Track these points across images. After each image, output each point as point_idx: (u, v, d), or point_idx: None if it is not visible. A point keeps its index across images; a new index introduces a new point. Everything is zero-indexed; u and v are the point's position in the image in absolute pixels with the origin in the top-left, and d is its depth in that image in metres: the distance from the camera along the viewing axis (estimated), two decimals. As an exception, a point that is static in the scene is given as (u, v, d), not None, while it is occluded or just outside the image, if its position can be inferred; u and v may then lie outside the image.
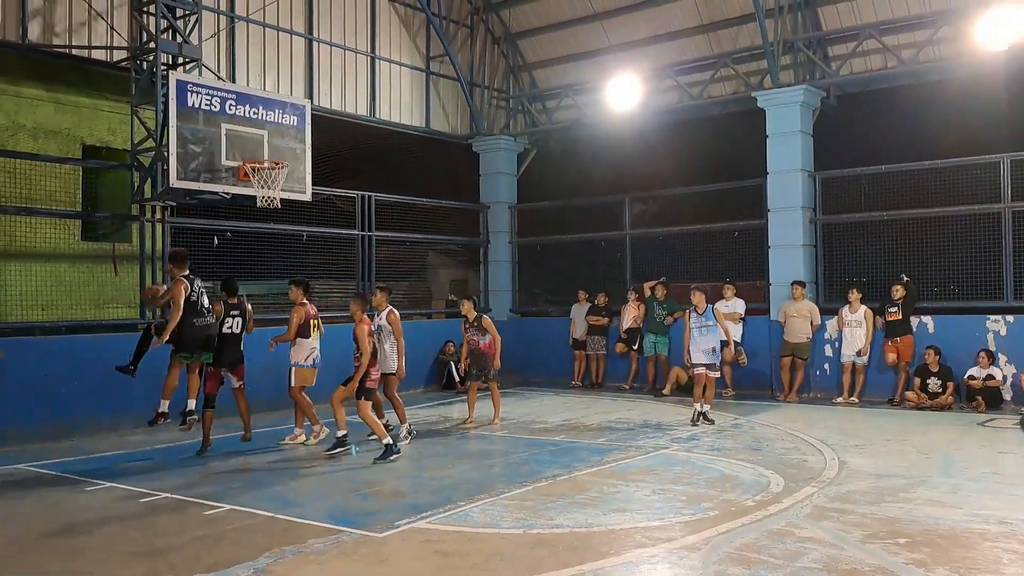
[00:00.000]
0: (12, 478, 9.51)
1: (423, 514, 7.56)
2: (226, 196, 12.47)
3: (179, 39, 12.46)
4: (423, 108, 18.55)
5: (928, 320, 14.30)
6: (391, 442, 10.09)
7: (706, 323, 12.47)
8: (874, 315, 14.38)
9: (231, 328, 10.87)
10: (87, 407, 11.90)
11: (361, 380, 10.20)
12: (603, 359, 17.38)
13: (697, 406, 12.54)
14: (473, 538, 6.92)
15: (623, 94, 17.32)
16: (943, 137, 15.23)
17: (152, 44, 12.25)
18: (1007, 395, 13.48)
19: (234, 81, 14.48)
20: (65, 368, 11.79)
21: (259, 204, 12.63)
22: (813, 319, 14.93)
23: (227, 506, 7.96)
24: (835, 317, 14.89)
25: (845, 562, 6.14)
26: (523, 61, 19.90)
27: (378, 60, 17.49)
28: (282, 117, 13.07)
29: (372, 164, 20.50)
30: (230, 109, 12.42)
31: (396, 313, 11.37)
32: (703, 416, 12.50)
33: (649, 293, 16.51)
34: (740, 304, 15.51)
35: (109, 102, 13.33)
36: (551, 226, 19.34)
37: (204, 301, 10.50)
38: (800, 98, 15.50)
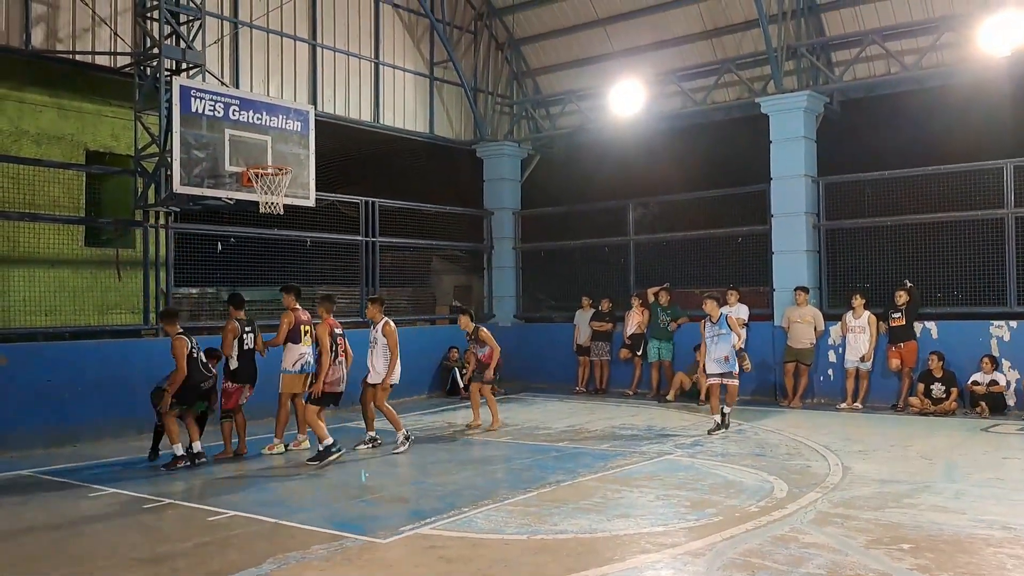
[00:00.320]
0: (15, 484, 9.52)
1: (427, 520, 7.56)
2: (229, 202, 12.48)
3: (183, 45, 12.49)
4: (427, 114, 18.58)
5: (932, 326, 14.29)
6: (331, 443, 9.98)
7: (719, 331, 12.08)
8: (878, 321, 14.37)
9: (248, 344, 10.81)
10: (90, 413, 11.90)
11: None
12: (607, 365, 17.36)
13: (716, 417, 12.10)
14: (477, 544, 6.91)
15: (627, 100, 17.35)
16: (946, 143, 15.24)
17: (156, 50, 12.28)
18: (1011, 400, 13.45)
19: (238, 87, 14.50)
20: (68, 374, 11.79)
21: (262, 210, 12.63)
22: (817, 325, 14.93)
23: (230, 512, 7.96)
24: (839, 323, 14.88)
25: (849, 568, 6.12)
26: (527, 67, 19.92)
27: (382, 66, 17.51)
28: (286, 123, 13.08)
29: (376, 170, 20.53)
30: (234, 115, 12.41)
31: (392, 325, 11.16)
32: (724, 420, 12.09)
33: (653, 299, 16.51)
34: (744, 310, 15.47)
35: (113, 108, 13.38)
36: (555, 232, 19.33)
37: (203, 358, 10.46)
38: (803, 104, 15.50)
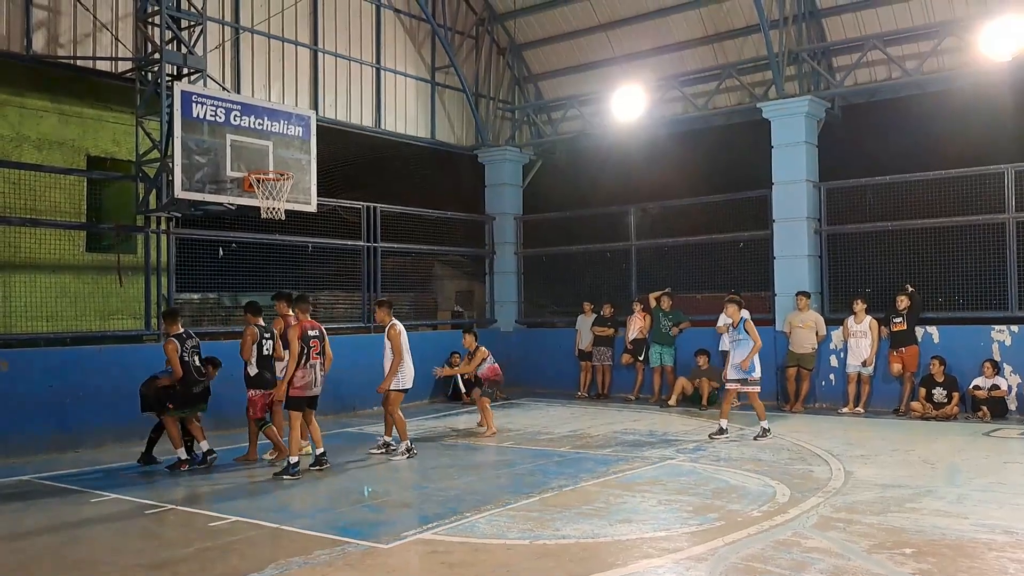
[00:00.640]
0: (17, 489, 9.52)
1: (429, 525, 7.56)
2: (231, 207, 12.48)
3: (184, 50, 12.49)
4: (428, 119, 18.59)
5: (933, 330, 14.29)
6: (295, 463, 9.77)
7: (737, 337, 12.06)
8: (879, 325, 14.37)
9: (267, 351, 10.74)
10: (92, 418, 11.90)
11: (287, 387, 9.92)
12: (609, 370, 17.37)
13: (722, 422, 12.09)
14: (479, 549, 6.90)
15: (628, 105, 17.34)
16: (947, 147, 15.26)
17: (157, 55, 12.28)
18: (1012, 405, 13.46)
19: (239, 92, 14.51)
20: (70, 379, 11.80)
21: (264, 215, 12.64)
22: (818, 330, 14.93)
23: (232, 517, 7.96)
24: (840, 327, 14.88)
25: (851, 572, 6.12)
26: (528, 72, 19.95)
27: (383, 71, 17.53)
28: (287, 128, 13.07)
29: (377, 175, 20.55)
30: (235, 120, 12.40)
31: (397, 328, 10.99)
32: (761, 430, 11.96)
33: (655, 304, 16.51)
34: (745, 315, 15.44)
35: (114, 113, 13.39)
36: (556, 237, 19.34)
37: (196, 361, 10.44)
38: (805, 109, 15.51)
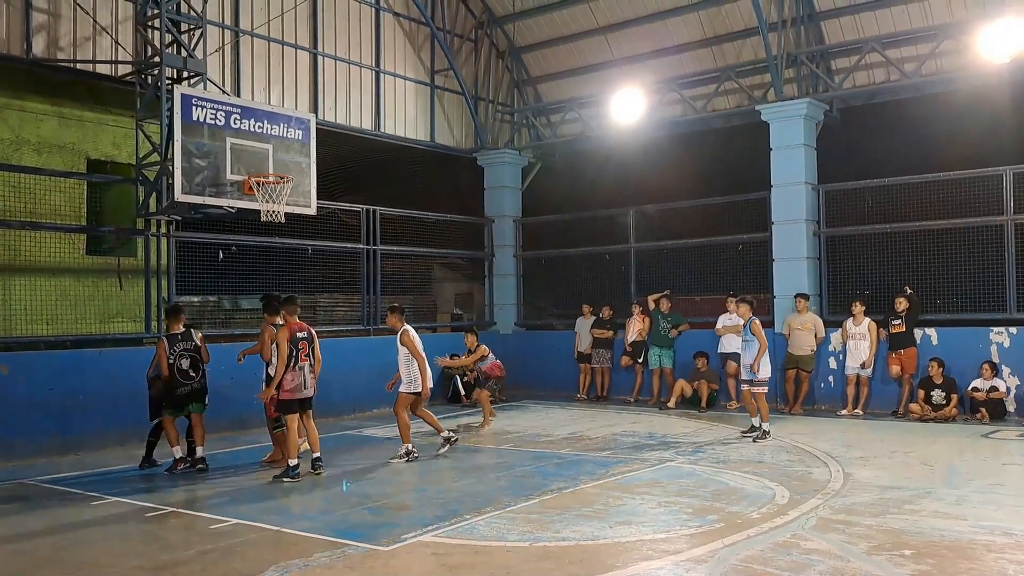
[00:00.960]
0: (18, 492, 9.53)
1: (429, 527, 7.57)
2: (231, 210, 12.50)
3: (184, 53, 12.51)
4: (428, 122, 18.61)
5: (932, 332, 14.31)
6: (295, 465, 9.76)
7: (745, 338, 12.17)
8: (878, 327, 14.39)
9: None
10: (93, 421, 11.91)
11: (276, 391, 9.88)
12: (608, 372, 17.39)
13: (753, 420, 12.20)
14: (479, 551, 6.92)
15: (627, 107, 17.36)
16: (946, 150, 15.26)
17: (157, 58, 12.29)
18: (1011, 407, 13.47)
19: (239, 95, 14.54)
20: (71, 382, 11.81)
21: (263, 218, 12.66)
22: (817, 332, 14.94)
23: (233, 520, 7.98)
24: (839, 330, 14.90)
25: (851, 574, 6.14)
26: (527, 75, 19.97)
27: (383, 74, 17.55)
28: (287, 131, 13.10)
29: (377, 178, 20.55)
30: (235, 123, 12.43)
31: (411, 333, 10.94)
32: (761, 431, 12.04)
33: (654, 306, 16.52)
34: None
35: (114, 116, 13.41)
36: (556, 240, 19.34)
37: (183, 364, 10.39)
38: (803, 111, 15.53)
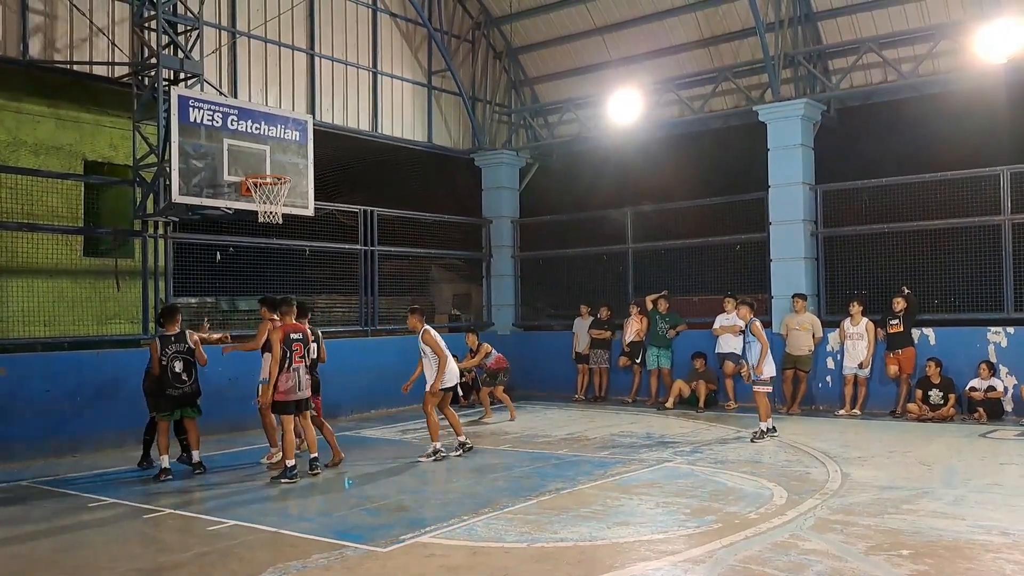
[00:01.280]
0: (16, 494, 9.52)
1: (427, 528, 7.57)
2: (228, 211, 12.50)
3: (180, 54, 12.48)
4: (425, 123, 18.61)
5: (929, 332, 14.32)
6: (292, 464, 9.75)
7: (748, 340, 12.36)
8: (875, 327, 14.39)
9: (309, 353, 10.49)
10: (90, 423, 11.90)
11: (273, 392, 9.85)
12: (606, 373, 17.38)
13: (763, 425, 12.21)
14: (477, 552, 6.91)
15: (624, 108, 17.36)
16: (943, 150, 15.27)
17: (153, 60, 12.27)
18: (1008, 406, 13.49)
19: (236, 96, 14.53)
20: (68, 384, 11.80)
21: (261, 219, 12.66)
22: (815, 332, 14.94)
23: (230, 522, 7.97)
24: (837, 330, 14.90)
25: (849, 574, 6.14)
26: (525, 75, 19.97)
27: (380, 75, 17.55)
28: (284, 132, 13.10)
29: (374, 179, 20.52)
30: (232, 124, 12.43)
31: (432, 333, 10.94)
32: (760, 431, 12.10)
33: (651, 306, 16.51)
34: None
35: (111, 118, 13.39)
36: (553, 240, 19.34)
37: (176, 367, 10.26)
38: (801, 112, 15.54)
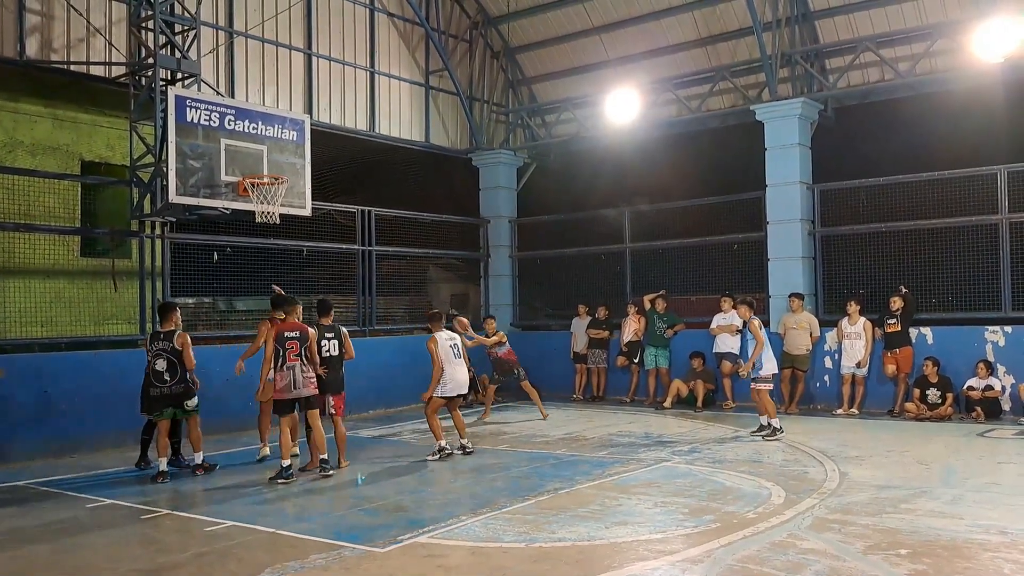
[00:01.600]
0: (14, 495, 9.50)
1: (425, 529, 7.56)
2: (226, 211, 12.50)
3: (178, 54, 12.47)
4: (423, 123, 18.61)
5: (927, 331, 14.32)
6: (288, 464, 9.76)
7: (747, 338, 12.51)
8: (873, 327, 14.40)
9: (329, 351, 10.45)
10: (88, 423, 11.88)
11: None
12: (604, 372, 17.38)
13: (762, 420, 12.32)
14: (476, 552, 6.92)
15: (622, 108, 17.34)
16: (940, 149, 15.27)
17: (151, 60, 12.25)
18: (1006, 405, 13.50)
19: (233, 96, 14.52)
20: (66, 385, 11.78)
21: (259, 219, 12.66)
22: (812, 331, 14.94)
23: (229, 522, 7.96)
24: (834, 329, 14.91)
25: (847, 573, 6.14)
26: (522, 75, 19.96)
27: (377, 75, 17.55)
28: (281, 132, 13.10)
29: (372, 179, 20.50)
30: (229, 124, 12.43)
31: (435, 340, 11.05)
32: (771, 429, 12.12)
33: (649, 306, 16.51)
34: (737, 317, 15.52)
35: (108, 118, 13.38)
36: (551, 240, 19.34)
37: (157, 365, 10.15)
38: (798, 111, 15.55)
